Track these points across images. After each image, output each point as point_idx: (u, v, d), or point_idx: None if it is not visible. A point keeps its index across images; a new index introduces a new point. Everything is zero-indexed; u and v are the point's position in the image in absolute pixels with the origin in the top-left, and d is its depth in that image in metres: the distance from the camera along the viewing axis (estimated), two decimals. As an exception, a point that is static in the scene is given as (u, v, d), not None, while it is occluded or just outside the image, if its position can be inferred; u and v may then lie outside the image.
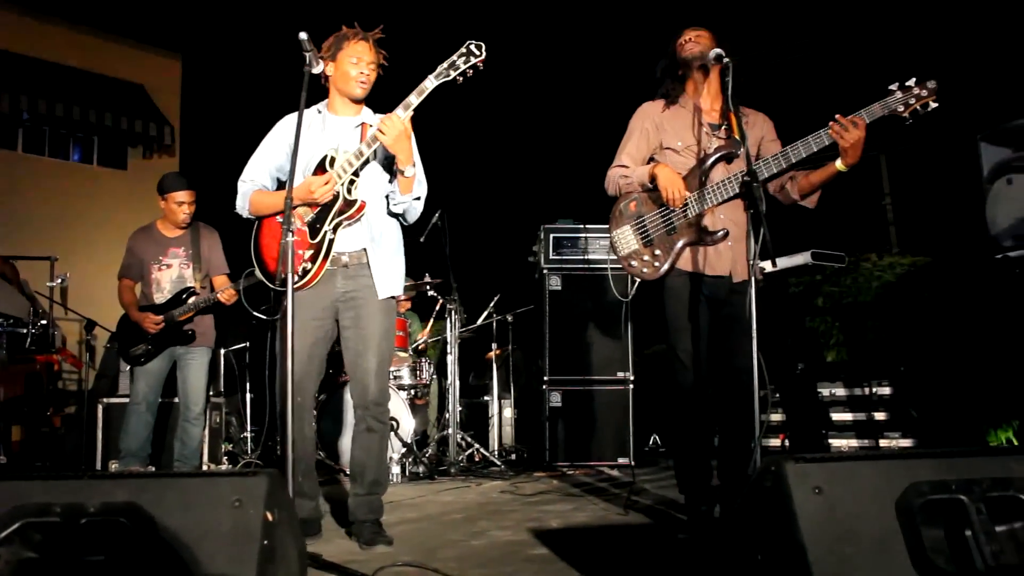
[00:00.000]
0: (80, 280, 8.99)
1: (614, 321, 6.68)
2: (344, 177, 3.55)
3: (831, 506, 1.78)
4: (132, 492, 1.77)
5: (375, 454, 3.71)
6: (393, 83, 3.69)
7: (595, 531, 3.92)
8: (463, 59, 3.36)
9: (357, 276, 3.67)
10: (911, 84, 3.33)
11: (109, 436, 6.33)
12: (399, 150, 3.47)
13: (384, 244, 3.74)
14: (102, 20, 12.84)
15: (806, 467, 1.83)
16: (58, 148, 13.09)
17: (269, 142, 3.83)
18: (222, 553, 1.69)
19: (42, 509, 1.74)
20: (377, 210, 3.71)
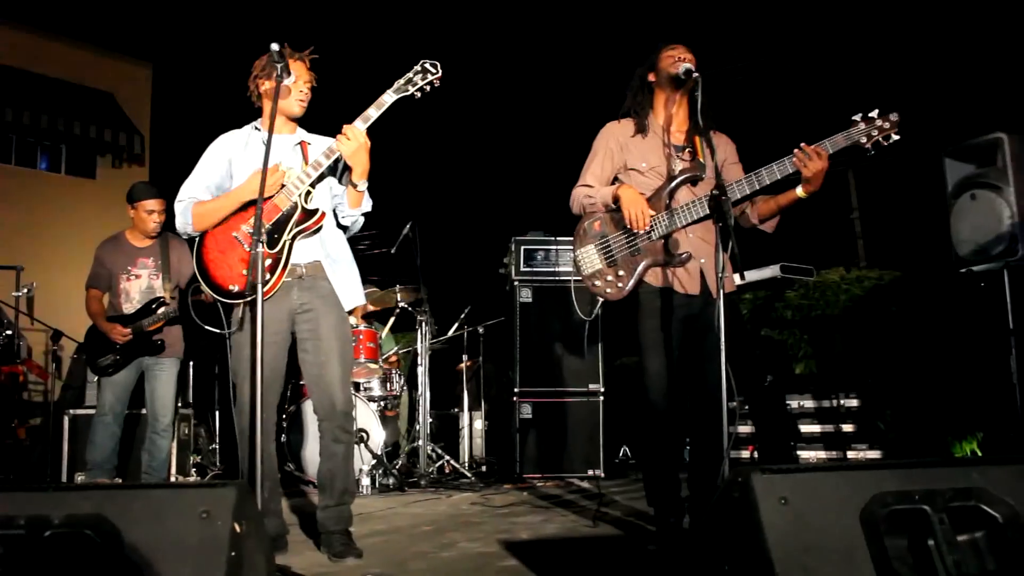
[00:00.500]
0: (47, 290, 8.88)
1: (584, 334, 6.70)
2: (301, 188, 3.55)
3: (797, 517, 1.80)
4: (98, 504, 1.75)
5: (342, 463, 3.68)
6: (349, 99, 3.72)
7: (565, 543, 3.93)
8: (419, 75, 3.42)
9: (313, 287, 3.66)
10: (874, 115, 3.37)
11: (75, 448, 6.27)
12: (356, 162, 3.49)
13: (339, 257, 3.76)
14: (72, 28, 12.74)
15: (772, 478, 1.85)
16: (25, 156, 12.96)
17: (206, 161, 3.79)
18: (189, 565, 1.68)
19: (5, 521, 1.72)
20: (329, 224, 3.73)
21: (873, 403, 5.82)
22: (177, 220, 3.76)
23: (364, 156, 3.49)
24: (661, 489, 3.76)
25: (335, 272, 3.70)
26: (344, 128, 3.45)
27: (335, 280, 3.69)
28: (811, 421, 6.09)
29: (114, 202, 11.13)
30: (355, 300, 3.77)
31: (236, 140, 3.80)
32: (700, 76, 3.49)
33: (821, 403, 6.08)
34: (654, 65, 3.79)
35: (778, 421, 6.16)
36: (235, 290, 3.60)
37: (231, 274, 3.61)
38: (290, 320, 3.68)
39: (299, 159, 3.68)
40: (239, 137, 3.80)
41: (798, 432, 6.11)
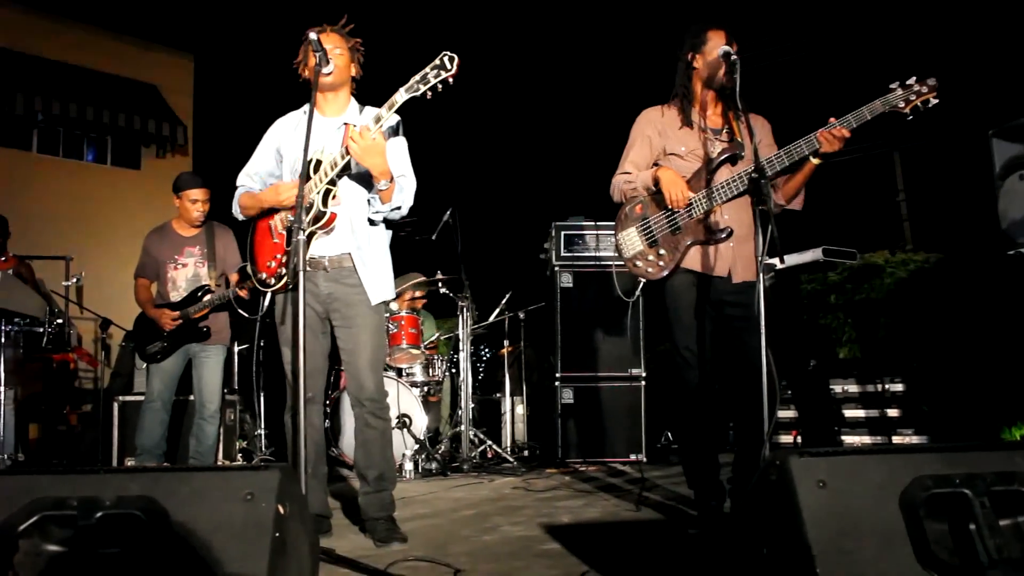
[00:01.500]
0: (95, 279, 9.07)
1: (626, 318, 6.69)
2: (320, 186, 3.53)
3: (835, 500, 1.80)
4: (146, 486, 1.80)
5: (376, 449, 3.72)
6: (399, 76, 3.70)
7: (606, 527, 3.94)
8: (433, 72, 3.27)
9: (340, 279, 3.68)
10: (911, 82, 3.35)
11: (125, 434, 6.38)
12: (371, 165, 3.43)
13: (371, 249, 3.73)
14: (115, 21, 12.94)
15: (810, 461, 1.85)
16: (72, 148, 13.20)
17: (260, 148, 3.87)
18: (234, 545, 1.72)
19: (59, 503, 1.77)
20: (361, 216, 3.70)
21: (918, 387, 5.75)
22: (233, 205, 3.87)
23: (377, 159, 3.42)
24: (701, 472, 3.77)
25: (364, 264, 3.68)
26: (352, 131, 3.41)
27: (363, 273, 3.68)
28: (855, 406, 6.03)
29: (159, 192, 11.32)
30: (382, 295, 3.74)
31: (287, 124, 3.84)
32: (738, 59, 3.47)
33: (865, 388, 6.02)
34: (700, 49, 3.76)
35: (821, 406, 6.12)
36: (263, 278, 3.67)
37: (263, 261, 3.69)
38: (322, 308, 3.71)
39: (338, 143, 3.64)
40: (291, 120, 3.84)
41: (842, 417, 6.06)
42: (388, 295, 3.78)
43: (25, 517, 1.76)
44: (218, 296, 5.40)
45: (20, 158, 12.56)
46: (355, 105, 3.82)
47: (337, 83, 3.67)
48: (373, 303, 3.69)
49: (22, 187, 11.95)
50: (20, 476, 1.84)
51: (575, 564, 3.09)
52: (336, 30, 3.71)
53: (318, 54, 3.41)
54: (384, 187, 3.52)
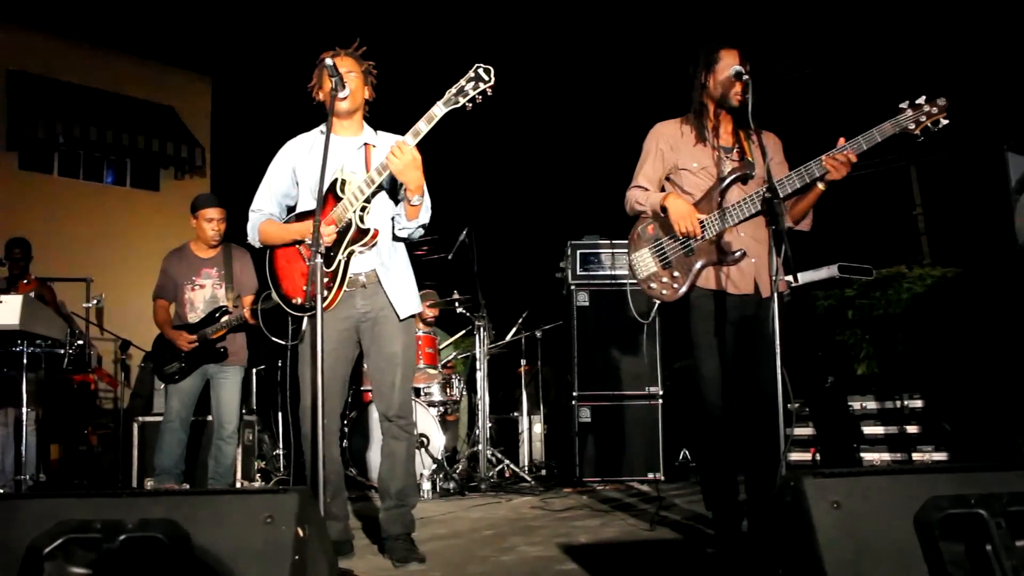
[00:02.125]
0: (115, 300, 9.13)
1: (642, 337, 6.69)
2: (356, 205, 3.56)
3: (850, 521, 1.80)
4: (168, 509, 1.82)
5: (401, 465, 3.75)
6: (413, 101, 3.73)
7: (624, 546, 3.94)
8: (471, 84, 3.30)
9: (374, 295, 3.72)
10: (921, 102, 3.34)
11: (144, 454, 6.43)
12: (409, 179, 3.46)
13: (394, 266, 3.78)
14: (134, 44, 13.08)
15: (825, 482, 1.85)
16: (93, 171, 13.34)
17: (274, 170, 3.89)
18: (254, 568, 1.75)
19: (83, 525, 1.80)
20: (385, 232, 3.75)
21: (938, 404, 5.73)
22: (248, 229, 3.89)
23: (415, 173, 3.46)
24: (719, 492, 3.76)
25: (389, 280, 3.72)
26: (392, 147, 3.43)
27: (389, 289, 3.71)
28: (874, 423, 6.01)
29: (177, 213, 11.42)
30: (409, 309, 3.78)
31: (301, 146, 3.86)
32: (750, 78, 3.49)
33: (884, 404, 6.00)
34: (712, 68, 3.78)
35: (839, 423, 6.10)
36: (298, 302, 3.69)
37: (294, 286, 3.71)
38: (354, 328, 3.74)
39: (361, 163, 3.70)
40: (304, 142, 3.86)
41: (861, 434, 6.04)
42: (415, 309, 3.81)
43: (50, 539, 1.79)
44: (235, 317, 5.45)
45: (42, 181, 12.70)
46: (368, 129, 3.86)
47: (353, 107, 3.71)
48: (402, 317, 3.72)
49: (44, 210, 12.08)
50: (45, 499, 1.87)
51: (593, 584, 3.10)
52: (349, 53, 3.75)
53: (334, 79, 3.45)
54: (416, 203, 3.57)
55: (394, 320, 3.72)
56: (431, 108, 3.38)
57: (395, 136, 3.77)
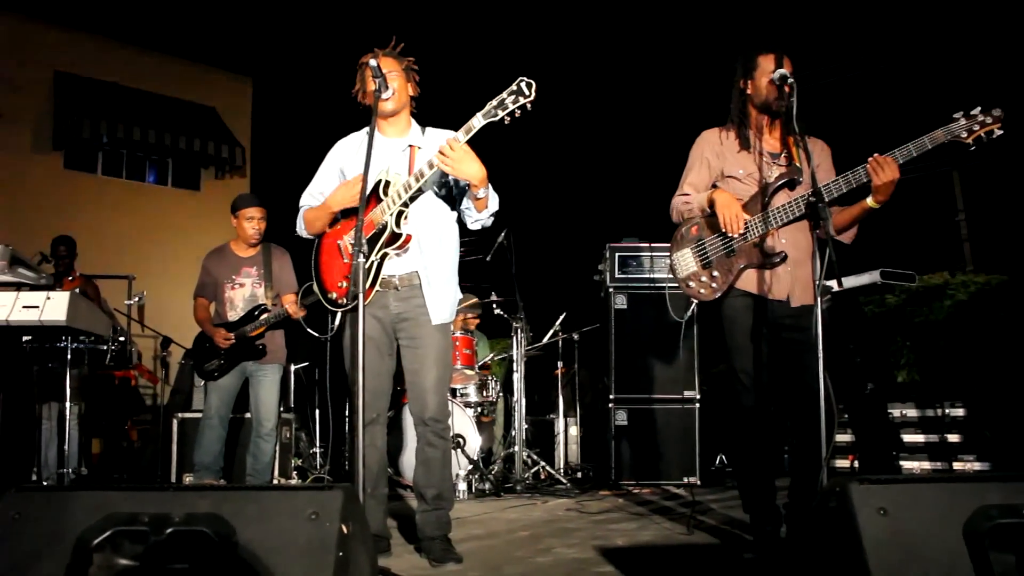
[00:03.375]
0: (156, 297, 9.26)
1: (680, 340, 6.66)
2: (393, 208, 3.56)
3: (896, 528, 1.78)
4: (214, 504, 1.84)
5: (436, 469, 3.75)
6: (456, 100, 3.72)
7: (661, 550, 3.93)
8: (512, 98, 3.26)
9: (409, 298, 3.71)
10: (976, 112, 3.29)
11: (184, 450, 6.50)
12: (468, 175, 3.43)
13: (438, 270, 3.75)
14: (176, 46, 13.25)
15: (871, 488, 1.83)
16: (135, 170, 13.53)
17: (324, 169, 3.92)
18: (299, 564, 1.76)
19: (131, 518, 1.82)
20: (430, 235, 3.72)
21: (980, 412, 5.64)
22: (297, 223, 3.93)
23: (473, 166, 3.41)
24: (757, 497, 3.73)
25: (430, 284, 3.71)
26: (440, 147, 3.40)
27: (428, 293, 3.70)
28: (914, 430, 5.94)
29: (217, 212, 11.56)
30: (443, 317, 3.75)
31: (350, 145, 3.87)
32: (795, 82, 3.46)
33: (925, 412, 5.92)
34: (751, 74, 3.76)
35: (879, 430, 6.03)
36: (333, 297, 3.72)
37: (332, 281, 3.73)
38: (390, 327, 3.76)
39: (405, 165, 3.70)
40: (353, 141, 3.88)
41: (900, 441, 5.97)
42: (448, 318, 3.79)
43: (99, 532, 1.81)
44: (274, 315, 5.49)
45: (86, 180, 12.91)
46: (416, 127, 3.85)
47: (397, 108, 3.71)
48: (434, 323, 3.71)
49: (87, 208, 12.27)
50: (94, 492, 1.89)
51: (630, 587, 3.09)
52: (388, 53, 3.74)
53: (378, 80, 3.46)
54: (483, 195, 3.55)
55: (430, 324, 3.72)
56: (470, 119, 3.36)
57: (444, 132, 3.76)
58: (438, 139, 3.66)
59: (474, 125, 3.35)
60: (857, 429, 6.17)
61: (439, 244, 3.77)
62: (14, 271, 3.87)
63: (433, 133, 3.82)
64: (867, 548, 1.75)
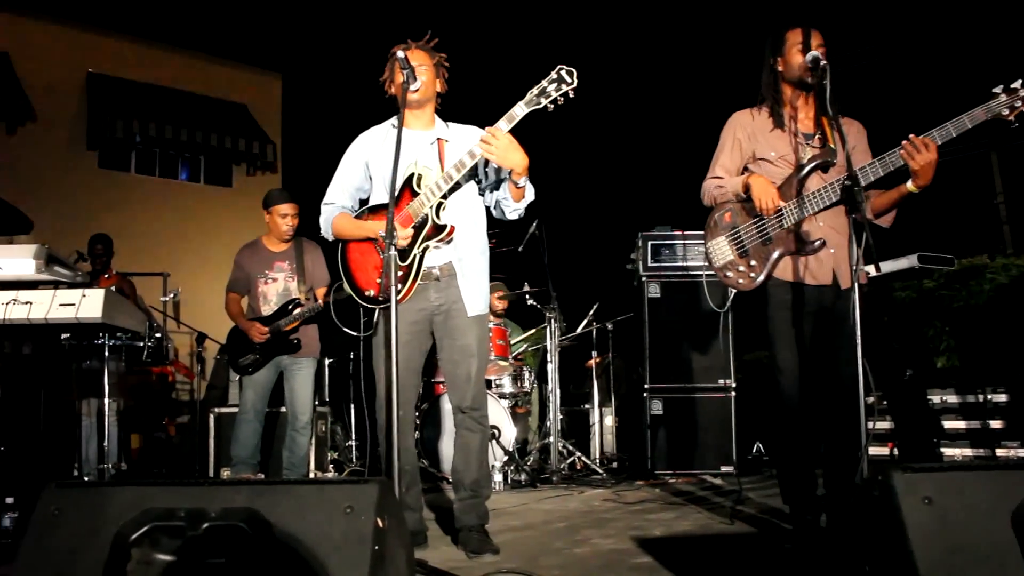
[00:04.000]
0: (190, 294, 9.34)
1: (714, 328, 6.62)
2: (433, 200, 3.56)
3: (942, 517, 1.74)
4: (250, 498, 1.84)
5: (475, 456, 3.76)
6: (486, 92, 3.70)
7: (699, 540, 3.89)
8: (553, 85, 3.26)
9: (448, 288, 3.71)
10: (1017, 86, 3.20)
11: (220, 444, 6.55)
12: (512, 162, 3.42)
13: (472, 261, 3.76)
14: (206, 44, 13.34)
15: (915, 477, 1.79)
16: (168, 168, 13.64)
17: (347, 163, 3.89)
18: (335, 558, 1.75)
19: (168, 513, 1.83)
20: (462, 226, 3.72)
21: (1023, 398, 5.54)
22: (320, 222, 3.91)
23: (516, 155, 3.40)
24: (797, 486, 3.69)
25: (464, 275, 3.72)
26: (483, 135, 3.39)
27: (463, 283, 3.71)
28: (955, 417, 5.84)
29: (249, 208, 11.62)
30: (478, 307, 3.76)
31: (373, 139, 3.85)
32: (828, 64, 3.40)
33: (966, 398, 5.82)
34: (781, 51, 3.70)
35: (919, 417, 5.95)
36: (371, 295, 3.71)
37: (368, 278, 3.71)
38: (428, 320, 3.75)
39: (435, 158, 3.69)
40: (377, 135, 3.86)
41: (941, 428, 5.88)
42: (483, 309, 3.79)
43: (136, 527, 1.82)
44: (307, 309, 5.51)
45: (120, 179, 13.03)
46: (440, 121, 3.84)
47: (424, 99, 3.70)
48: (470, 314, 3.71)
49: (122, 206, 12.39)
50: (131, 487, 1.90)
51: (668, 578, 3.06)
52: (421, 46, 3.74)
53: (405, 72, 3.45)
54: (523, 184, 3.54)
55: (466, 313, 3.72)
56: (512, 108, 3.35)
57: (468, 127, 3.76)
58: (463, 134, 3.66)
59: (516, 114, 3.34)
60: (896, 416, 6.09)
61: (472, 235, 3.77)
62: (51, 269, 3.91)
63: (457, 127, 3.81)
64: (912, 538, 1.71)
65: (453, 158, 3.54)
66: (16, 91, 11.62)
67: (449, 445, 5.56)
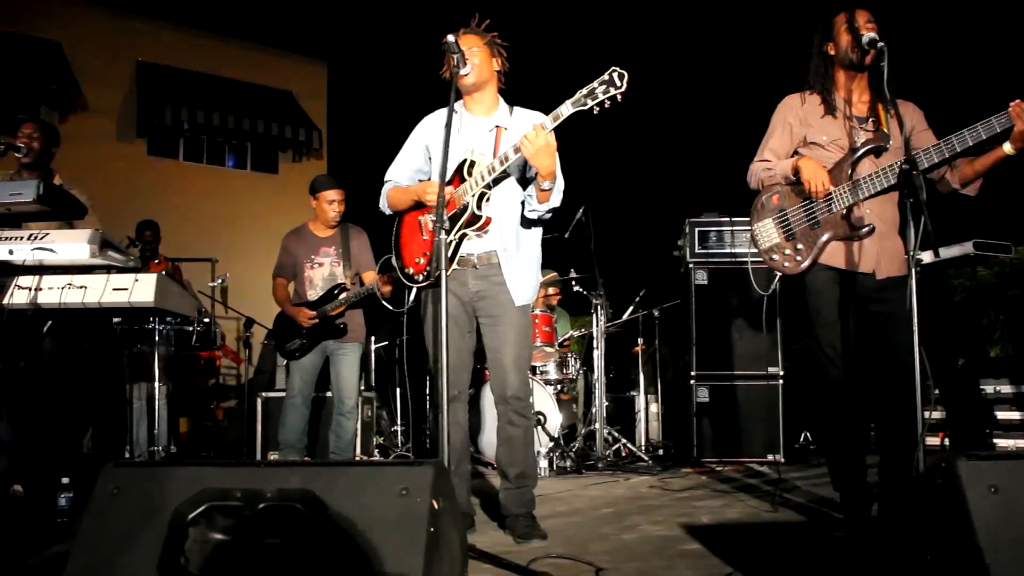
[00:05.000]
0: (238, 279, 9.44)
1: (762, 315, 6.55)
2: (475, 189, 3.55)
3: (1009, 506, 1.70)
4: (305, 479, 1.85)
5: (519, 448, 3.74)
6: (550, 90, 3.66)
7: (747, 527, 3.86)
8: (602, 88, 3.20)
9: (488, 276, 3.70)
10: None
11: (268, 428, 6.62)
12: (541, 165, 3.39)
13: (520, 252, 3.74)
14: (252, 32, 13.42)
15: (980, 465, 1.75)
16: (215, 155, 13.77)
17: (409, 144, 3.91)
18: (390, 539, 1.75)
19: (224, 493, 1.85)
20: (511, 216, 3.70)
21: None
22: (380, 199, 3.95)
23: (547, 159, 3.37)
24: (847, 474, 3.65)
25: (510, 266, 3.69)
26: (527, 131, 3.36)
27: (508, 274, 3.68)
28: (1009, 407, 5.72)
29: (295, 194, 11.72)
30: (524, 299, 3.73)
31: (436, 122, 3.83)
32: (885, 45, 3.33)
33: (1020, 388, 5.70)
34: (830, 35, 3.64)
35: (971, 407, 5.85)
36: (410, 272, 3.73)
37: (411, 256, 3.74)
38: (469, 306, 3.75)
39: (490, 146, 3.67)
40: (439, 119, 3.83)
41: (994, 418, 5.76)
42: (529, 299, 3.77)
43: (193, 506, 1.84)
44: (353, 294, 5.53)
45: (168, 166, 13.19)
46: (504, 106, 3.81)
47: (479, 82, 3.67)
48: (516, 304, 3.69)
49: (170, 193, 12.54)
50: (188, 467, 1.92)
51: (719, 565, 3.03)
52: (471, 30, 3.72)
53: (455, 56, 3.44)
54: (547, 187, 3.50)
55: (511, 303, 3.70)
56: (559, 106, 3.31)
57: (532, 113, 3.71)
58: (526, 121, 3.62)
59: (562, 113, 3.30)
60: (948, 405, 5.99)
61: (520, 226, 3.75)
62: (105, 254, 3.95)
63: (521, 113, 3.77)
64: (978, 528, 1.68)
65: (507, 147, 3.53)
66: (68, 80, 11.79)
67: (491, 432, 5.55)
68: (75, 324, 4.63)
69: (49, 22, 11.94)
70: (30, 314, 3.95)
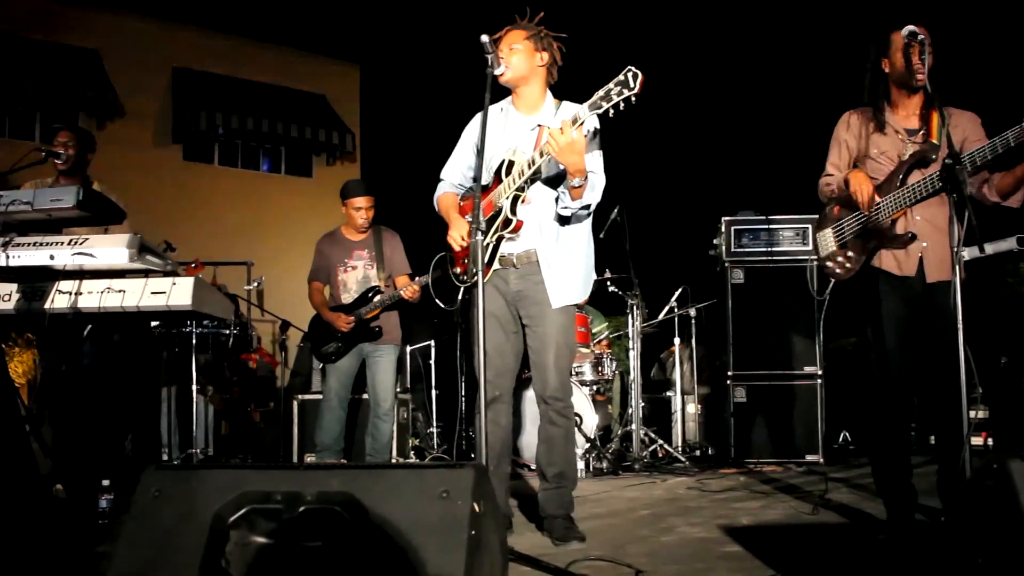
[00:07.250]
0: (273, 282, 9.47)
1: (799, 314, 6.49)
2: (509, 192, 3.54)
3: (1065, 507, 1.66)
4: (345, 482, 1.84)
5: (558, 447, 3.71)
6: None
7: (788, 529, 3.82)
8: (617, 90, 3.16)
9: (528, 275, 3.66)
10: None
11: (304, 431, 6.65)
12: (568, 163, 3.35)
13: (562, 249, 3.68)
14: (286, 36, 13.51)
15: (1034, 465, 1.71)
16: (249, 159, 13.89)
17: (461, 143, 3.93)
18: (431, 542, 1.74)
19: (265, 496, 1.84)
20: (552, 214, 3.66)
21: None
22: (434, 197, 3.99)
23: (574, 156, 3.33)
24: (891, 476, 3.61)
25: (550, 264, 3.64)
26: (552, 129, 3.34)
27: (547, 273, 3.63)
28: (1055, 406, 5.62)
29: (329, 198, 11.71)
30: (565, 299, 3.67)
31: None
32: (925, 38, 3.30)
33: (1065, 386, 5.60)
34: (886, 52, 3.62)
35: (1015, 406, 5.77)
36: (458, 272, 3.74)
37: (460, 257, 3.74)
38: (512, 306, 3.73)
39: (531, 145, 3.62)
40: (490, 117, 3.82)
41: (1039, 417, 5.68)
42: (572, 299, 3.71)
43: (234, 509, 1.84)
44: (388, 297, 5.54)
45: (203, 171, 13.31)
46: (551, 101, 3.75)
47: (516, 80, 3.64)
48: (554, 305, 3.64)
49: (206, 197, 12.67)
50: (228, 470, 1.92)
51: (760, 568, 3.00)
52: (518, 25, 3.65)
53: (489, 56, 3.42)
54: (577, 184, 3.45)
55: (549, 302, 3.66)
56: (577, 110, 3.31)
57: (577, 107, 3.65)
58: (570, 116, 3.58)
59: (580, 116, 3.28)
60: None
61: (562, 226, 3.69)
62: (143, 258, 3.98)
63: (568, 108, 3.66)
64: (1033, 529, 1.63)
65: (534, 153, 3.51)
66: (106, 88, 11.95)
67: (530, 434, 5.55)
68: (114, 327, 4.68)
69: (87, 31, 12.12)
70: (70, 318, 4.00)
